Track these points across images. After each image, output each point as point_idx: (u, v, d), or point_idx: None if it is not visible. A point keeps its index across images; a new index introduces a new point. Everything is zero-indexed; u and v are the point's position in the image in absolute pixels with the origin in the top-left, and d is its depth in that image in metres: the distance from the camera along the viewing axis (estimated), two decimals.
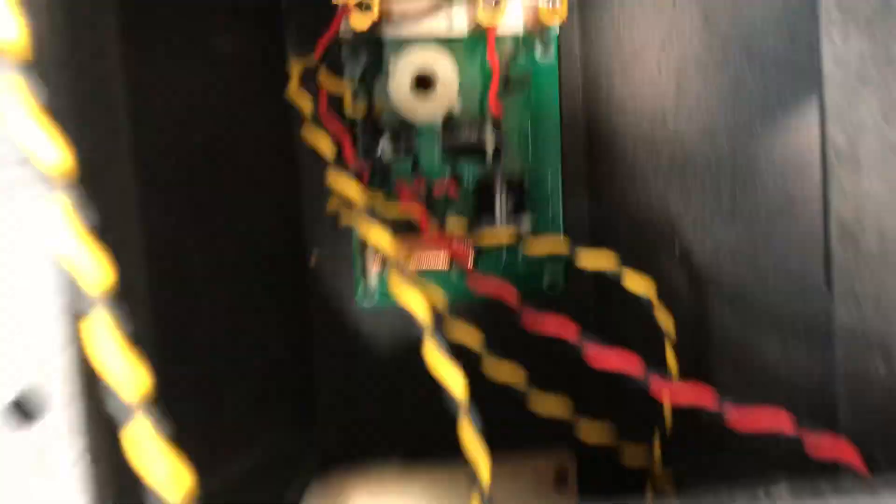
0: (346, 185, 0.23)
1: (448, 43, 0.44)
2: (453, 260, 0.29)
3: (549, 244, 0.31)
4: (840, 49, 0.24)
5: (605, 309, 0.47)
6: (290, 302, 0.45)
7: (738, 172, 0.32)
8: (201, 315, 0.30)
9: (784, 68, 0.28)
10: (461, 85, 0.44)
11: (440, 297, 0.30)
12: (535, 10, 0.36)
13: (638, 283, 0.32)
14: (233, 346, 0.34)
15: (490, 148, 0.43)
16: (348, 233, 0.43)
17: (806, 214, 0.27)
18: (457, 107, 0.43)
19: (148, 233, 0.24)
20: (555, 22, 0.35)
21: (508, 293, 0.29)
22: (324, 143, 0.24)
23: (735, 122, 0.32)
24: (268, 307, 0.41)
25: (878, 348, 0.25)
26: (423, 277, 0.45)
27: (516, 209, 0.44)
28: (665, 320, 0.33)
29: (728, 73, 0.32)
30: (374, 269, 0.42)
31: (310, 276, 0.47)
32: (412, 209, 0.32)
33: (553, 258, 0.46)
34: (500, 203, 0.42)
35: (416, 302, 0.24)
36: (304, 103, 0.26)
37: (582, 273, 0.46)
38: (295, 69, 0.29)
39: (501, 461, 0.22)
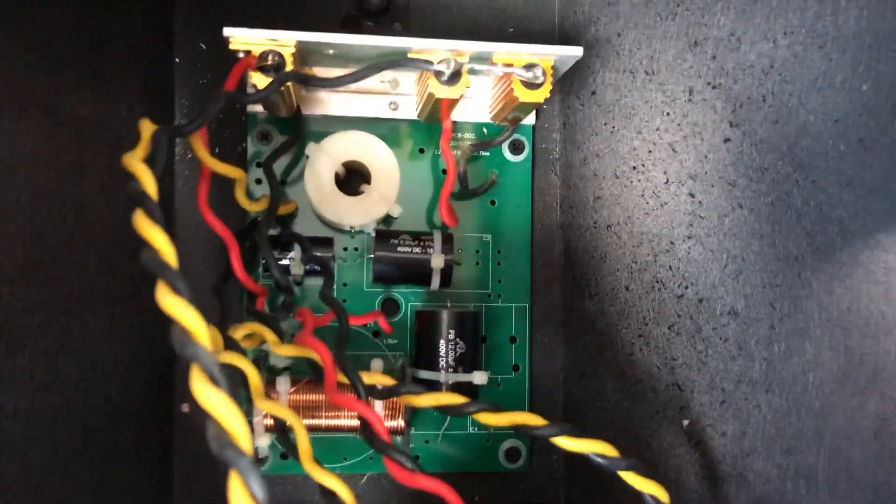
0: (182, 314, 0.16)
1: (389, 127, 0.39)
2: (367, 431, 0.22)
3: (516, 419, 0.24)
4: None
5: (578, 495, 0.41)
6: (150, 461, 0.37)
7: (779, 327, 0.27)
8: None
9: (851, 185, 0.23)
10: (404, 183, 0.38)
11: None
12: (509, 88, 0.31)
13: (647, 485, 0.25)
14: None
15: (438, 269, 0.37)
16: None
17: (883, 390, 0.22)
18: (396, 211, 0.37)
19: None
20: (535, 100, 0.30)
21: (448, 495, 0.22)
22: (161, 243, 0.17)
23: (775, 257, 0.27)
24: (115, 467, 0.33)
25: None
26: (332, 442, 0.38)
27: (468, 358, 0.37)
28: None
29: (766, 188, 0.27)
30: (263, 431, 0.34)
31: (178, 431, 0.39)
32: (312, 349, 0.26)
33: None
34: (447, 347, 0.36)
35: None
36: (145, 178, 0.19)
37: (549, 442, 0.41)
38: (146, 130, 0.23)
39: None
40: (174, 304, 0.17)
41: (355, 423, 0.34)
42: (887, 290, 0.22)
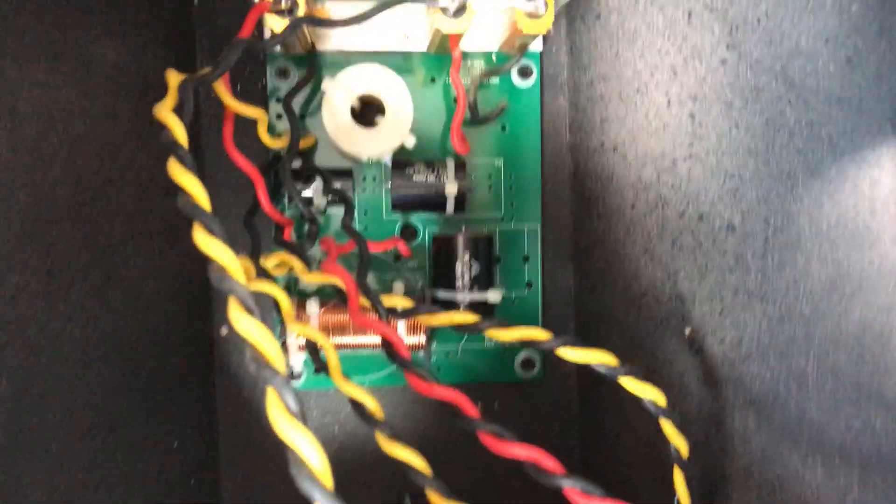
0: (218, 253, 0.18)
1: (401, 60, 0.40)
2: (388, 349, 0.24)
3: (523, 334, 0.26)
4: None
5: (592, 400, 0.43)
6: (193, 384, 0.39)
7: (773, 240, 0.27)
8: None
9: (839, 103, 0.24)
10: (417, 114, 0.39)
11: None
12: (513, 19, 0.31)
13: (645, 389, 0.27)
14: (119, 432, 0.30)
15: (452, 196, 0.38)
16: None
17: (866, 298, 0.23)
18: (410, 141, 0.38)
19: None
20: (538, 31, 0.31)
21: (462, 402, 0.23)
22: (195, 189, 0.19)
23: (769, 174, 0.27)
24: (162, 390, 0.35)
25: None
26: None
27: (483, 278, 0.38)
28: (677, 440, 0.28)
29: (761, 108, 0.27)
30: (297, 350, 0.36)
31: (218, 353, 0.41)
32: (336, 276, 0.27)
33: None
34: (463, 269, 0.37)
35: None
36: (175, 127, 0.21)
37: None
38: (172, 80, 0.24)
39: None
40: (210, 244, 0.19)
41: (378, 340, 0.35)
42: (872, 204, 0.23)
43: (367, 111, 0.39)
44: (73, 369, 0.29)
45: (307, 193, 0.37)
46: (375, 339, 0.36)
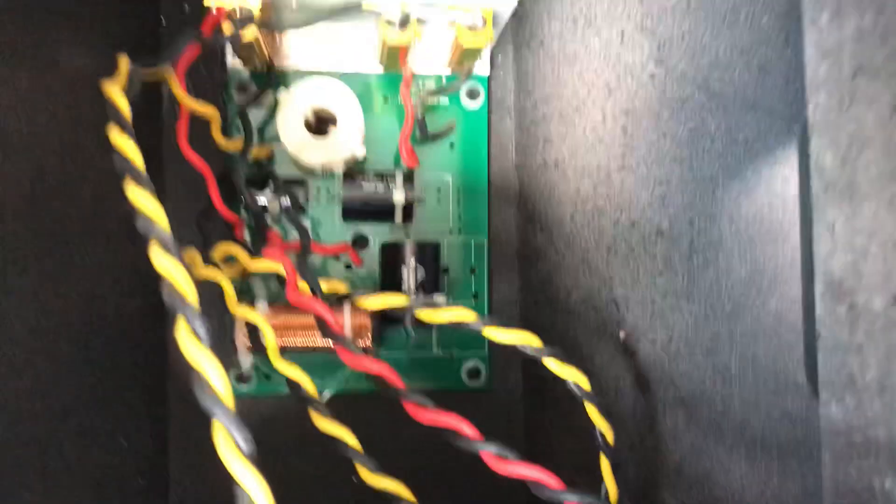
0: (140, 200, 0.18)
1: (356, 79, 0.40)
2: (321, 325, 0.24)
3: (451, 316, 0.26)
4: (828, 36, 0.19)
5: (537, 411, 0.42)
6: (145, 382, 0.38)
7: (697, 241, 0.28)
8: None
9: (753, 108, 0.25)
10: (369, 130, 0.39)
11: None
12: (455, 35, 0.32)
13: (567, 371, 0.27)
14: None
15: (399, 204, 0.38)
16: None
17: (781, 290, 0.23)
18: (361, 151, 0.38)
19: None
20: (478, 45, 0.31)
21: (388, 374, 0.23)
22: (129, 150, 0.19)
23: (693, 179, 0.28)
24: (112, 385, 0.34)
25: (885, 454, 0.19)
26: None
27: (429, 284, 0.38)
28: (601, 423, 0.28)
29: (685, 117, 0.28)
30: (245, 350, 0.35)
31: (172, 354, 0.40)
32: (277, 260, 0.27)
33: (473, 343, 0.41)
34: (409, 273, 0.37)
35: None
36: (119, 100, 0.21)
37: (508, 363, 0.42)
38: (122, 65, 0.24)
39: None
40: (137, 194, 0.19)
41: (326, 342, 0.35)
42: (783, 200, 0.23)
43: (321, 125, 0.39)
44: (23, 354, 0.28)
45: (261, 199, 0.37)
46: (324, 342, 0.36)
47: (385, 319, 0.38)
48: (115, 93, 0.21)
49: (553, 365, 0.26)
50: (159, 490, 0.40)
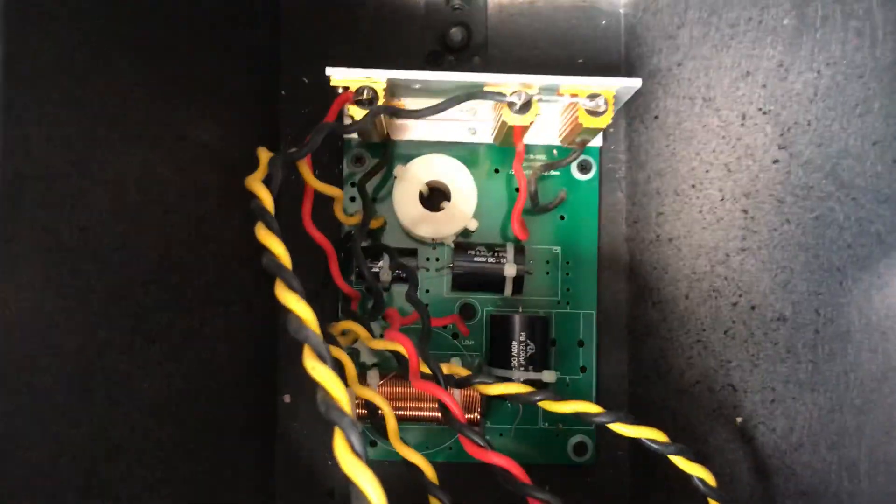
0: (297, 306, 0.20)
1: (468, 151, 0.42)
2: (446, 413, 0.25)
3: (576, 407, 0.27)
4: None
5: (644, 488, 0.42)
6: (254, 446, 0.41)
7: (823, 331, 0.28)
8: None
9: (887, 202, 0.25)
10: (480, 201, 0.41)
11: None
12: (575, 115, 0.34)
13: (694, 468, 0.27)
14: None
15: (510, 277, 0.39)
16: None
17: None
18: (473, 225, 0.40)
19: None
20: (598, 126, 0.33)
21: (514, 469, 0.24)
22: (278, 249, 0.21)
23: (819, 267, 0.28)
24: (225, 449, 0.36)
25: None
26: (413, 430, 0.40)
27: (538, 358, 0.39)
28: None
29: (811, 205, 0.29)
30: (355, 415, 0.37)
31: (280, 419, 0.43)
32: (398, 343, 0.29)
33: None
34: (519, 348, 0.38)
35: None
36: (264, 195, 0.23)
37: (616, 437, 0.42)
38: (263, 156, 0.26)
39: None
40: (290, 298, 0.21)
41: (436, 413, 0.36)
42: None
43: (435, 196, 0.41)
44: (147, 422, 0.30)
45: (374, 269, 0.39)
46: (432, 413, 0.37)
47: None
48: (259, 187, 0.23)
49: (681, 462, 0.27)
50: None
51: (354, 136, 0.41)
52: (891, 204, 0.25)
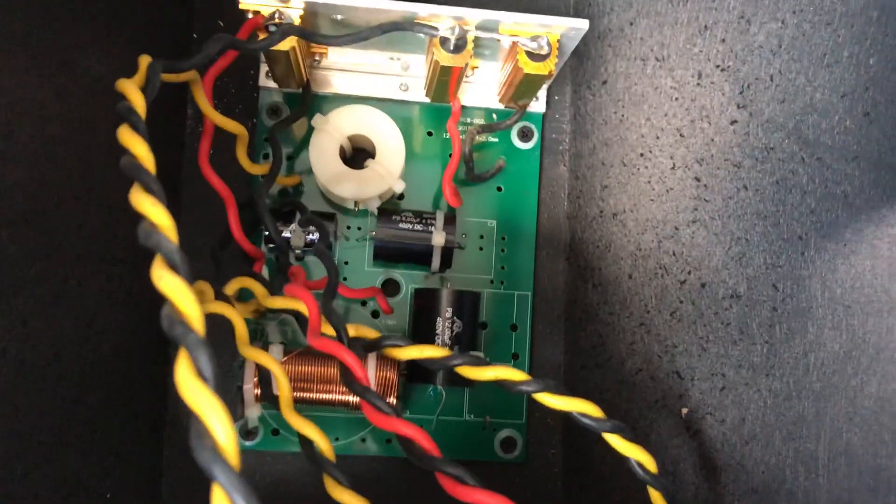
0: (149, 206, 0.16)
1: (399, 108, 0.39)
2: (346, 376, 0.22)
3: (498, 374, 0.24)
4: None
5: (577, 488, 0.40)
6: (141, 429, 0.37)
7: (781, 308, 0.26)
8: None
9: (856, 159, 0.23)
10: (410, 165, 0.38)
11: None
12: (515, 62, 0.31)
13: (631, 449, 0.24)
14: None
15: (438, 247, 0.36)
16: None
17: (884, 370, 0.21)
18: (399, 186, 0.37)
19: None
20: (540, 72, 0.30)
21: (422, 440, 0.21)
22: (140, 150, 0.17)
23: (779, 237, 0.26)
24: (104, 428, 0.32)
25: None
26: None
27: (466, 339, 0.36)
28: None
29: (771, 167, 0.27)
30: (253, 401, 0.34)
31: (171, 401, 0.39)
32: (299, 298, 0.25)
33: (510, 409, 0.39)
34: (444, 325, 0.35)
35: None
36: (135, 97, 0.19)
37: (548, 433, 0.40)
38: (143, 62, 0.23)
39: None
40: (145, 202, 0.17)
41: (346, 397, 0.33)
42: (891, 265, 0.21)
43: (358, 156, 0.38)
44: (4, 390, 0.26)
45: (285, 234, 0.35)
46: (342, 396, 0.34)
47: (413, 376, 0.36)
48: (131, 89, 0.20)
49: (616, 441, 0.24)
50: None
51: (271, 84, 0.38)
52: (860, 161, 0.23)
